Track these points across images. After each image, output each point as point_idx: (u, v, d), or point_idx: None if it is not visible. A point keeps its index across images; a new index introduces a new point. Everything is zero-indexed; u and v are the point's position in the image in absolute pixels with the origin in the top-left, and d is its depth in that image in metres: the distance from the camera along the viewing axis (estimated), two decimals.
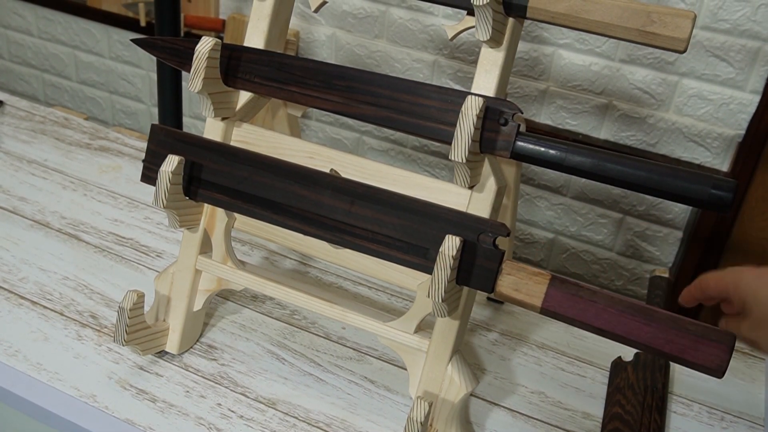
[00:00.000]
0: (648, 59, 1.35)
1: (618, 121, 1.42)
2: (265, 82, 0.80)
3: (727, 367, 0.63)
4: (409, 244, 0.72)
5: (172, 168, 0.77)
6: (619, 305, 0.65)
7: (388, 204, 0.73)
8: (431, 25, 1.50)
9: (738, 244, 1.41)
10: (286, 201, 0.77)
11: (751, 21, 1.26)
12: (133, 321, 0.79)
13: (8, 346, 0.84)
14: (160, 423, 0.77)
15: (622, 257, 1.53)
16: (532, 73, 1.46)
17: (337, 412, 0.81)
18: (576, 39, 1.39)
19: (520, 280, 0.68)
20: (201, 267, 0.84)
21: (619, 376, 0.87)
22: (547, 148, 0.69)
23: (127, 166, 1.21)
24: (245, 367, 0.86)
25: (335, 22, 1.58)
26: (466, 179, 0.72)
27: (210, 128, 0.83)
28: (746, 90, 1.31)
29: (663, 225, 1.46)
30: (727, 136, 1.35)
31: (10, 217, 1.06)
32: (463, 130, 0.68)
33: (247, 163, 0.78)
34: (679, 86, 1.35)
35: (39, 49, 2.03)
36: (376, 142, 1.66)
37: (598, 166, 0.68)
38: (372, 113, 0.76)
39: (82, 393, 0.80)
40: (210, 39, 0.78)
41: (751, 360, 0.96)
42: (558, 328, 0.98)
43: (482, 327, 0.97)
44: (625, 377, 0.87)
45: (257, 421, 0.79)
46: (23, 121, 1.30)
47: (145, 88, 1.93)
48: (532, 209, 1.57)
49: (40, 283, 0.94)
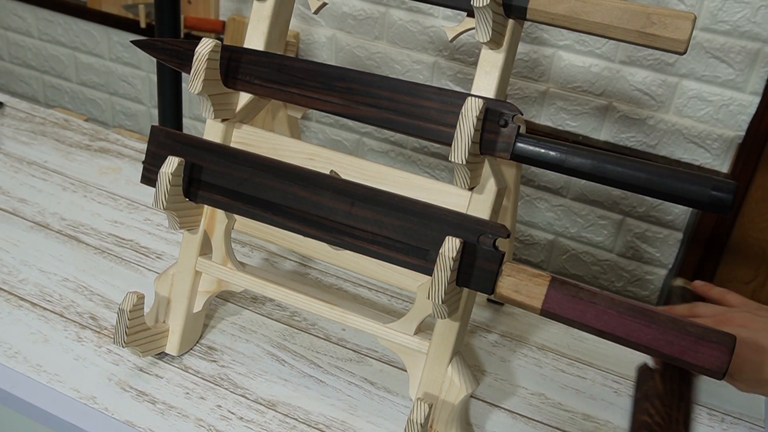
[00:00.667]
0: (648, 61, 1.35)
1: (618, 122, 1.42)
2: (265, 83, 0.80)
3: (727, 369, 0.63)
4: (409, 245, 0.72)
5: (172, 169, 0.77)
6: (619, 307, 0.65)
7: (388, 205, 0.73)
8: (431, 27, 1.50)
9: (738, 246, 1.41)
10: (286, 202, 0.77)
11: (751, 22, 1.26)
12: (133, 322, 0.79)
13: (8, 347, 0.84)
14: (160, 425, 0.77)
15: (622, 259, 1.53)
16: (532, 74, 1.46)
17: (337, 414, 0.81)
18: (576, 40, 1.39)
19: (520, 281, 0.68)
20: (201, 268, 0.84)
21: (647, 384, 0.87)
22: (547, 150, 0.69)
23: (127, 168, 1.21)
24: (245, 368, 0.86)
25: (335, 24, 1.58)
26: (466, 181, 0.72)
27: (210, 130, 0.83)
28: (746, 91, 1.31)
29: (663, 226, 1.46)
30: (727, 137, 1.35)
31: (10, 219, 1.06)
32: (463, 131, 0.68)
33: (247, 165, 0.78)
34: (679, 87, 1.35)
35: (39, 50, 2.03)
36: (376, 144, 1.66)
37: (598, 168, 0.68)
38: (372, 115, 0.76)
39: (82, 395, 0.80)
40: (210, 40, 0.78)
41: None
42: (558, 329, 0.98)
43: (482, 328, 0.97)
44: (653, 385, 0.86)
45: (257, 423, 0.79)
46: (23, 122, 1.30)
47: (145, 89, 1.93)
48: (532, 211, 1.57)
49: (40, 285, 0.94)
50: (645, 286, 1.52)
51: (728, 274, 1.44)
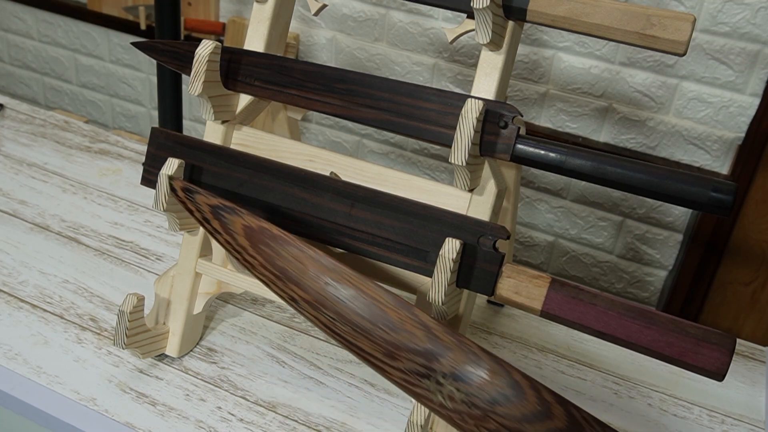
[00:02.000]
0: (648, 62, 1.35)
1: (618, 124, 1.42)
2: (265, 85, 0.80)
3: (727, 370, 0.63)
4: (409, 247, 0.72)
5: (172, 171, 0.77)
6: (619, 308, 0.65)
7: (388, 207, 0.73)
8: (431, 28, 1.50)
9: (738, 247, 1.41)
10: (285, 204, 0.77)
11: (750, 24, 1.26)
12: (133, 324, 0.79)
13: (8, 349, 0.84)
14: (160, 426, 0.77)
15: (622, 260, 1.53)
16: (532, 76, 1.46)
17: (337, 415, 0.81)
18: (576, 42, 1.39)
19: (520, 283, 0.68)
20: (201, 270, 0.84)
21: None
22: (547, 151, 0.69)
23: (127, 169, 1.21)
24: (245, 370, 0.86)
25: (335, 26, 1.58)
26: (466, 182, 0.72)
27: (210, 131, 0.83)
28: (746, 93, 1.31)
29: (663, 228, 1.46)
30: (727, 138, 1.35)
31: (10, 221, 1.06)
32: (463, 133, 0.68)
33: (247, 166, 0.78)
34: (678, 89, 1.35)
35: (39, 52, 2.03)
36: (376, 145, 1.66)
37: (597, 169, 0.68)
38: (372, 116, 0.76)
39: (82, 396, 0.80)
40: (210, 42, 0.78)
41: (752, 363, 0.96)
42: (558, 331, 0.98)
43: (482, 329, 0.97)
44: None
45: (257, 425, 0.79)
46: (23, 124, 1.30)
47: (145, 91, 1.93)
48: (532, 212, 1.57)
49: (40, 287, 0.94)
50: (645, 287, 1.52)
51: (728, 275, 1.44)
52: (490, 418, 0.56)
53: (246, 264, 0.66)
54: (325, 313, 0.59)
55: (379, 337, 0.58)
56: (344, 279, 0.62)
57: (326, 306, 0.58)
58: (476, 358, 0.57)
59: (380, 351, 0.58)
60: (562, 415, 0.56)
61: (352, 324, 0.59)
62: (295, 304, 0.62)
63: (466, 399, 0.56)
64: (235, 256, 0.67)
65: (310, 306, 0.60)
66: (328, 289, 0.61)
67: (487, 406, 0.57)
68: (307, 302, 0.60)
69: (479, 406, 0.56)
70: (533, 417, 0.55)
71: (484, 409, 0.56)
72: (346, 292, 0.62)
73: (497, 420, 0.56)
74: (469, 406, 0.56)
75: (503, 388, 0.56)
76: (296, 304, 0.62)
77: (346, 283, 0.62)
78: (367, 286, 0.59)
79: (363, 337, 0.59)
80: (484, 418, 0.56)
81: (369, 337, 0.59)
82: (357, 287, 0.59)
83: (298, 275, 0.63)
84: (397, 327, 0.59)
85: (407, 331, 0.59)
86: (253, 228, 0.66)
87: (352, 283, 0.62)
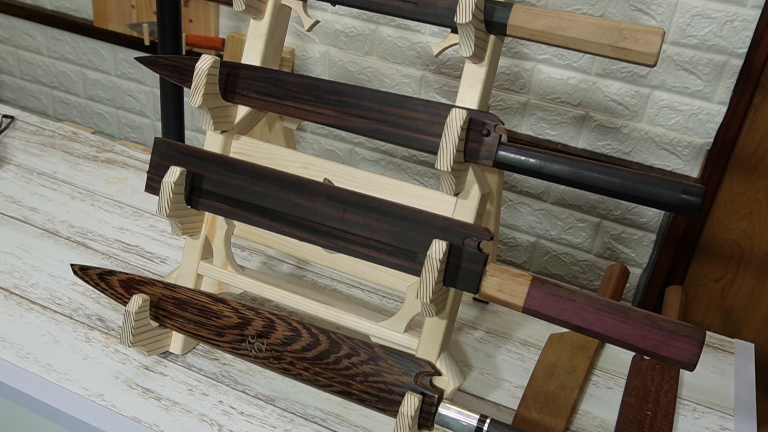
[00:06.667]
0: (622, 73, 1.36)
1: (594, 131, 1.43)
2: (262, 97, 0.80)
3: (698, 361, 0.63)
4: (398, 248, 0.72)
5: (175, 179, 0.77)
6: (596, 304, 0.66)
7: (378, 211, 0.73)
8: (418, 43, 1.50)
9: (708, 246, 1.42)
10: (282, 209, 0.77)
11: (717, 36, 1.27)
12: (139, 324, 0.79)
13: (20, 348, 0.84)
14: (164, 420, 0.77)
15: (599, 259, 1.53)
16: (513, 86, 1.46)
17: (333, 408, 0.81)
18: (554, 54, 1.40)
19: (503, 281, 0.68)
20: (202, 272, 0.84)
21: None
22: (528, 157, 0.70)
23: (133, 178, 1.21)
24: (245, 366, 0.86)
25: (328, 41, 1.59)
26: (452, 187, 0.72)
27: (210, 141, 0.83)
28: (714, 101, 1.32)
29: (638, 228, 1.47)
30: (696, 144, 1.36)
31: (22, 227, 1.05)
32: (448, 140, 0.68)
33: (246, 174, 0.78)
34: (651, 98, 1.36)
35: (48, 67, 2.02)
36: (368, 153, 1.67)
37: (575, 174, 0.69)
38: (363, 126, 0.76)
39: (91, 392, 0.79)
40: (209, 57, 0.78)
41: (721, 354, 0.97)
42: (540, 326, 0.99)
43: (468, 326, 0.97)
44: None
45: (257, 417, 0.79)
46: (34, 135, 1.30)
47: (149, 103, 1.92)
48: (514, 214, 1.57)
49: (50, 289, 0.94)
50: None
51: (699, 272, 1.44)
52: (285, 355, 0.76)
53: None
54: (208, 327, 0.81)
55: (211, 325, 0.80)
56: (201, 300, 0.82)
57: (206, 325, 0.81)
58: (269, 321, 0.77)
59: (212, 333, 0.80)
60: (325, 340, 0.75)
61: (202, 325, 0.80)
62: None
63: (268, 348, 0.77)
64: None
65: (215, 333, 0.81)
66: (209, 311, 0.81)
67: (281, 347, 0.76)
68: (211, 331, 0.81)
69: (276, 349, 0.77)
70: (309, 346, 0.75)
71: (280, 351, 0.76)
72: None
73: (289, 355, 0.76)
74: (271, 352, 0.77)
75: (286, 332, 0.76)
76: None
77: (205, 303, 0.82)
78: (204, 299, 0.81)
79: (204, 329, 0.80)
80: (281, 357, 0.76)
81: (204, 326, 0.80)
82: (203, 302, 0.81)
83: None
84: (219, 315, 0.80)
85: (225, 316, 0.79)
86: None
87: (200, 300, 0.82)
